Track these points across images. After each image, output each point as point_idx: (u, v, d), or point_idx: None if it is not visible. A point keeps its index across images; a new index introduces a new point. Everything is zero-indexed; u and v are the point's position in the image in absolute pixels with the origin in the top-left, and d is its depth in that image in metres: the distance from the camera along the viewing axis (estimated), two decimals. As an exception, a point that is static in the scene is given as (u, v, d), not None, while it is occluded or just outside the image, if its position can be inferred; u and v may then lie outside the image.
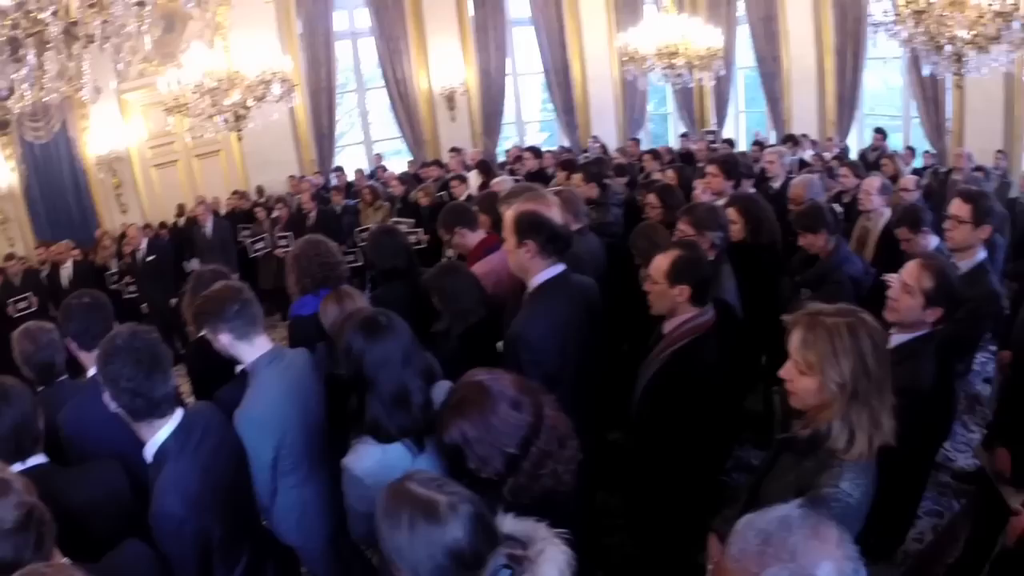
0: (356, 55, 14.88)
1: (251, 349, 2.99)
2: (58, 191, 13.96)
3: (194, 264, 11.05)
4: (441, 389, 2.63)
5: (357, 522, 2.71)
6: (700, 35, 10.70)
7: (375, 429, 2.50)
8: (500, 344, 3.54)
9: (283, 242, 9.53)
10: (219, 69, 8.49)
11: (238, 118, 8.81)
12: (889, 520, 2.99)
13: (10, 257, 11.31)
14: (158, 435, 2.50)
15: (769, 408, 4.97)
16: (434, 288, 3.82)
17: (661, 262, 3.25)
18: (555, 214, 3.54)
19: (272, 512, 3.10)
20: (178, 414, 2.54)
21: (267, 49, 8.94)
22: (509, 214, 3.39)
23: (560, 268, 3.38)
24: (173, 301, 9.82)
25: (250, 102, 8.76)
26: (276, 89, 8.87)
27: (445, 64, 14.57)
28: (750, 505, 2.36)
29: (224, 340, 2.94)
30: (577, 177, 6.43)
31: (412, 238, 7.38)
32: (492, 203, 4.73)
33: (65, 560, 1.93)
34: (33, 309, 9.79)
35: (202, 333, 3.18)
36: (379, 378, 2.49)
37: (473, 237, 4.50)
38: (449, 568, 1.68)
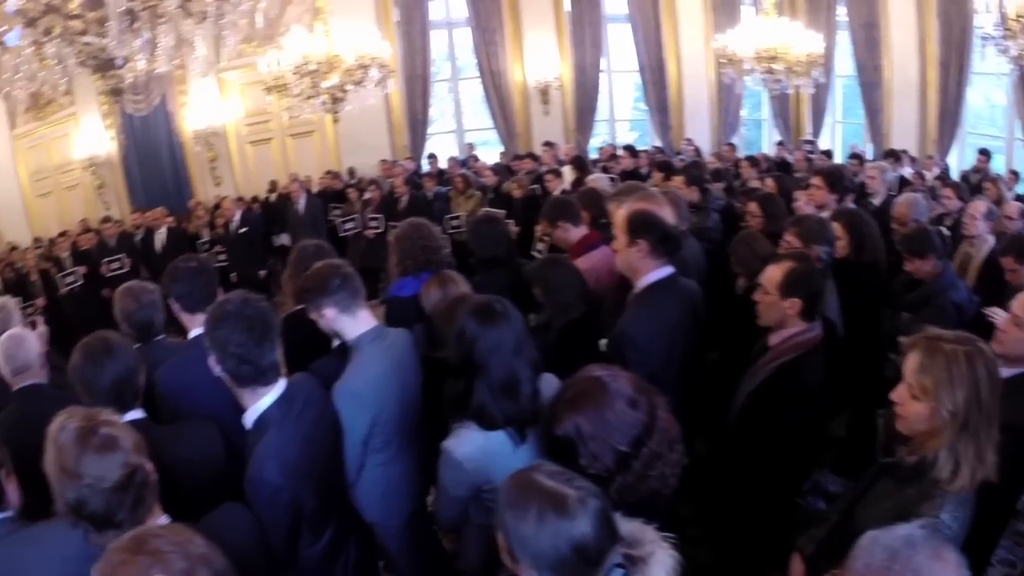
0: (451, 44, 14.94)
1: (355, 324, 3.01)
2: (155, 161, 14.57)
3: (283, 239, 11.43)
4: (545, 382, 2.62)
5: (448, 506, 2.74)
6: (800, 40, 10.40)
7: (480, 415, 2.50)
8: (603, 342, 3.52)
9: (373, 223, 9.74)
10: (319, 52, 8.66)
11: (335, 100, 8.97)
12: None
13: (106, 220, 11.90)
14: (261, 402, 2.51)
15: (853, 434, 4.81)
16: (537, 280, 3.79)
17: (774, 273, 3.18)
18: (667, 215, 3.50)
19: (356, 487, 3.12)
20: (281, 383, 2.55)
21: (365, 35, 9.04)
22: (622, 212, 3.37)
23: (669, 270, 3.35)
24: (262, 272, 10.15)
25: (348, 86, 8.89)
26: (374, 74, 8.99)
27: (540, 58, 14.46)
28: (843, 528, 2.35)
29: (329, 315, 2.96)
30: (678, 179, 6.29)
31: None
32: (593, 199, 4.70)
33: (165, 518, 1.97)
34: (125, 270, 10.31)
35: (299, 307, 3.23)
36: (490, 364, 2.48)
37: (575, 232, 4.44)
38: (571, 562, 1.67)
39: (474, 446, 2.52)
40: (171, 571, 1.45)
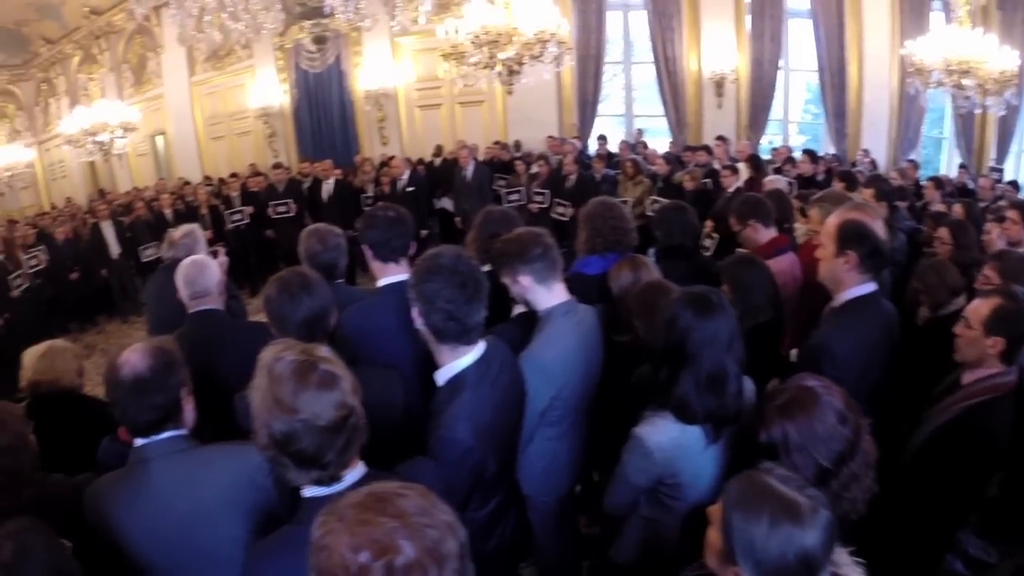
0: (626, 27, 14.66)
1: (548, 295, 3.00)
2: (325, 116, 15.29)
3: (445, 202, 11.72)
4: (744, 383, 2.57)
5: (623, 492, 2.72)
6: (994, 55, 9.43)
7: (681, 407, 2.47)
8: (794, 352, 3.37)
9: (538, 198, 9.78)
10: (497, 24, 8.69)
11: (511, 73, 9.02)
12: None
13: (277, 166, 12.51)
14: (459, 362, 2.49)
15: (1007, 495, 4.43)
16: (729, 277, 3.67)
17: (981, 308, 3.00)
18: (879, 228, 3.29)
19: (520, 457, 3.10)
20: (481, 345, 2.53)
21: (544, 10, 8.98)
22: (833, 220, 3.20)
23: (873, 287, 3.18)
24: (423, 232, 10.37)
25: (525, 59, 8.91)
26: (552, 50, 8.95)
27: (716, 48, 13.90)
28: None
29: (524, 283, 2.95)
30: (868, 193, 5.89)
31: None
32: (782, 202, 4.51)
33: (363, 467, 1.91)
34: (291, 215, 11.03)
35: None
36: (701, 356, 2.45)
37: (765, 233, 4.30)
38: (793, 571, 1.64)
39: (667, 437, 2.50)
40: (420, 541, 1.32)
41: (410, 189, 10.47)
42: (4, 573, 1.72)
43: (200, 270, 3.43)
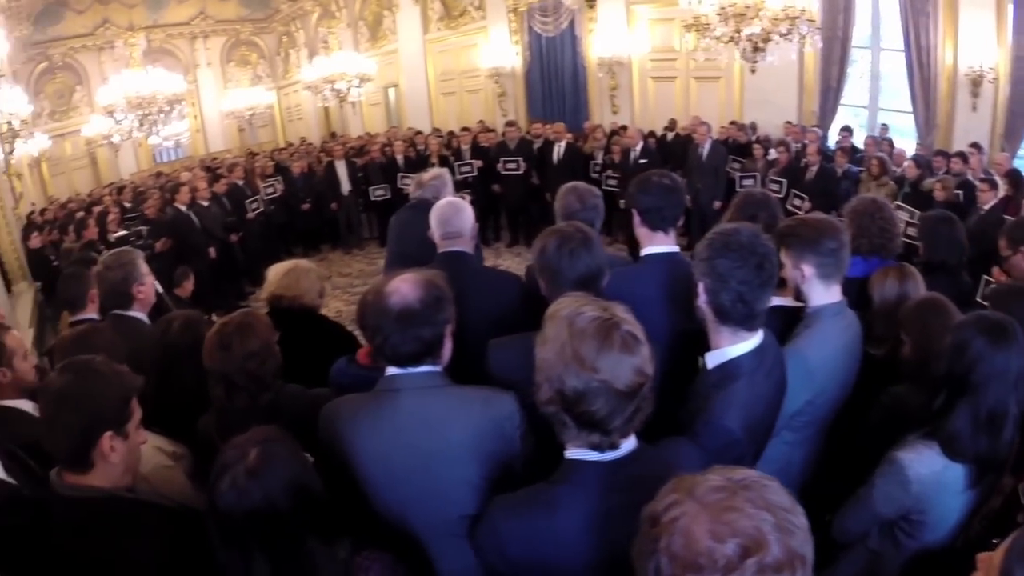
0: (876, 8, 12.95)
1: (824, 293, 2.75)
2: (556, 80, 15.45)
3: (672, 179, 11.37)
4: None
5: (863, 518, 2.56)
6: None
7: (951, 441, 2.31)
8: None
9: (774, 187, 9.19)
10: (746, -2, 8.26)
11: (756, 50, 8.58)
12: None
13: (511, 124, 12.77)
14: (736, 347, 2.30)
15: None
16: (1003, 310, 3.25)
17: None
18: None
19: (751, 457, 2.92)
20: (760, 334, 2.34)
21: (792, -15, 8.41)
22: None
23: None
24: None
25: (772, 36, 8.41)
26: (802, 29, 8.39)
27: (975, 41, 11.67)
28: None
29: (806, 272, 2.71)
30: None
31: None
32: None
33: (634, 437, 1.81)
34: (519, 172, 11.46)
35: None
36: (985, 390, 2.28)
37: (1035, 263, 3.82)
38: None
39: (929, 470, 2.35)
40: (788, 540, 1.16)
41: (643, 161, 10.09)
42: (249, 477, 1.75)
43: (456, 211, 3.43)
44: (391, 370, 2.16)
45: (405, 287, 2.11)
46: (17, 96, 11.14)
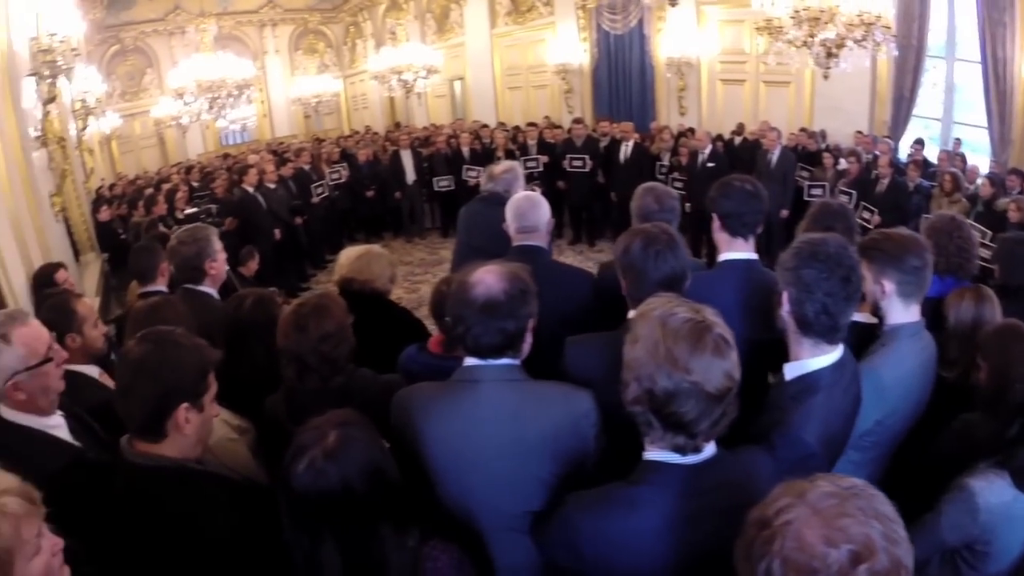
0: (952, 17, 12.27)
1: (903, 312, 2.68)
2: (623, 79, 15.40)
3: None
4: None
5: (928, 545, 2.48)
6: None
7: (1022, 471, 2.26)
8: None
9: (844, 198, 8.92)
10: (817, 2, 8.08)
11: (829, 55, 8.37)
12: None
13: (578, 121, 12.73)
14: (817, 360, 2.27)
15: None
16: None
17: None
18: None
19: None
20: (840, 348, 2.30)
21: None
22: None
23: None
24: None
25: (847, 42, 8.20)
26: (878, 36, 8.16)
27: None
28: None
29: (887, 288, 2.64)
30: None
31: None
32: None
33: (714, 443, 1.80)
34: (585, 170, 11.47)
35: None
36: None
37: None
38: None
39: (1000, 500, 2.31)
40: (894, 551, 1.19)
41: (710, 165, 9.93)
42: (326, 459, 1.75)
43: (533, 205, 3.42)
44: (470, 360, 2.15)
45: (490, 278, 2.09)
46: (91, 75, 11.53)
